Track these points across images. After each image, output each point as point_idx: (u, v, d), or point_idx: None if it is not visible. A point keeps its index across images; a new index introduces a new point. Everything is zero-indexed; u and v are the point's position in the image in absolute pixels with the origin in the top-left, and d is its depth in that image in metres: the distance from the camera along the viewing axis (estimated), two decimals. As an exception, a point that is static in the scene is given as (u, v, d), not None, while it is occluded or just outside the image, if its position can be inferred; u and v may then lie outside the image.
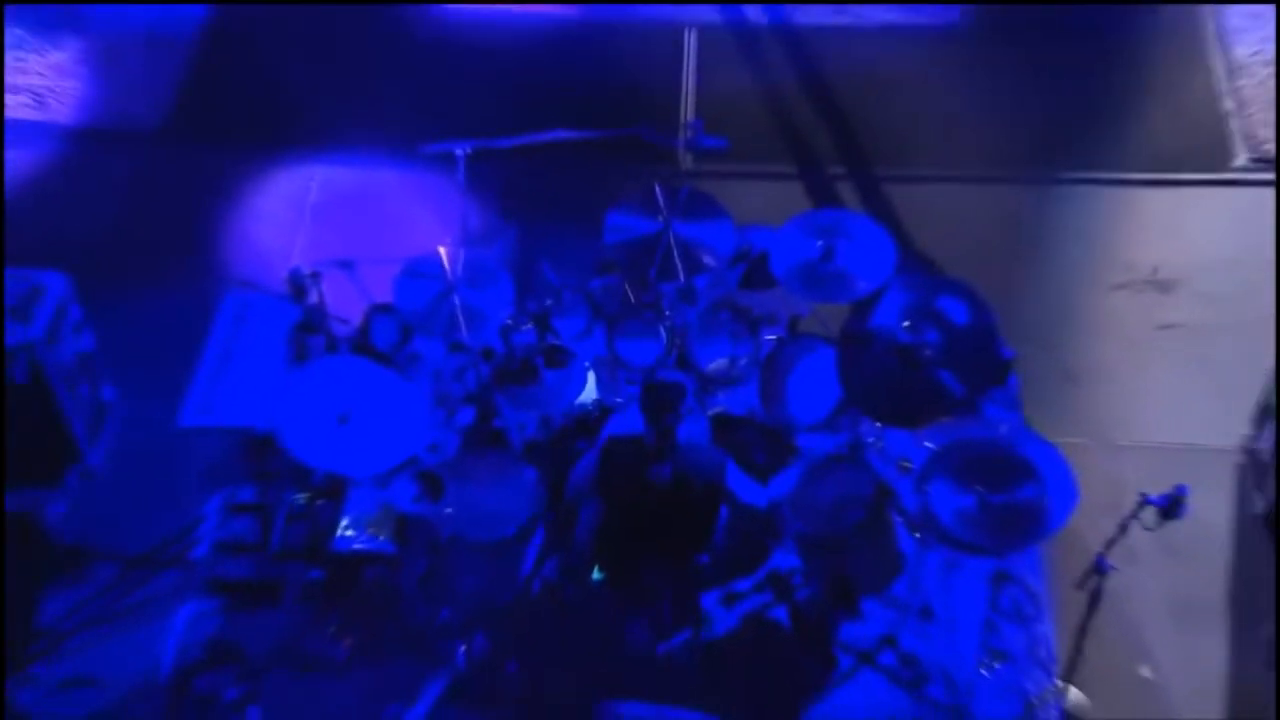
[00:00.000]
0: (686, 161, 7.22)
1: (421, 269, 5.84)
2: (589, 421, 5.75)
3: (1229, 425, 6.49)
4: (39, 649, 5.60)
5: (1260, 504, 6.21)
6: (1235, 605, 5.97)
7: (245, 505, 6.02)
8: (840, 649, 5.58)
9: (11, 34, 8.52)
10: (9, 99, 8.17)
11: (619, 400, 5.81)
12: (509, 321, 5.83)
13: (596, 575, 5.31)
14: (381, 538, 5.53)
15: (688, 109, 8.11)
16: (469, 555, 5.53)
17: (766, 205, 7.26)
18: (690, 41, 8.62)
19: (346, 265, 6.14)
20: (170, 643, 5.60)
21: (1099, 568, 5.07)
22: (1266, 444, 6.22)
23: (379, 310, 6.06)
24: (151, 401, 6.65)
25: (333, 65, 8.51)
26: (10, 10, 8.59)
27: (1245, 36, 8.68)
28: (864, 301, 5.70)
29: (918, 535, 5.51)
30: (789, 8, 8.99)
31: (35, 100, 8.17)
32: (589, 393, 5.81)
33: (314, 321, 6.11)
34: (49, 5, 8.82)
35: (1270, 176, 7.82)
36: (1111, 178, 7.93)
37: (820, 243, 5.90)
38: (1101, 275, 7.42)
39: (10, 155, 7.84)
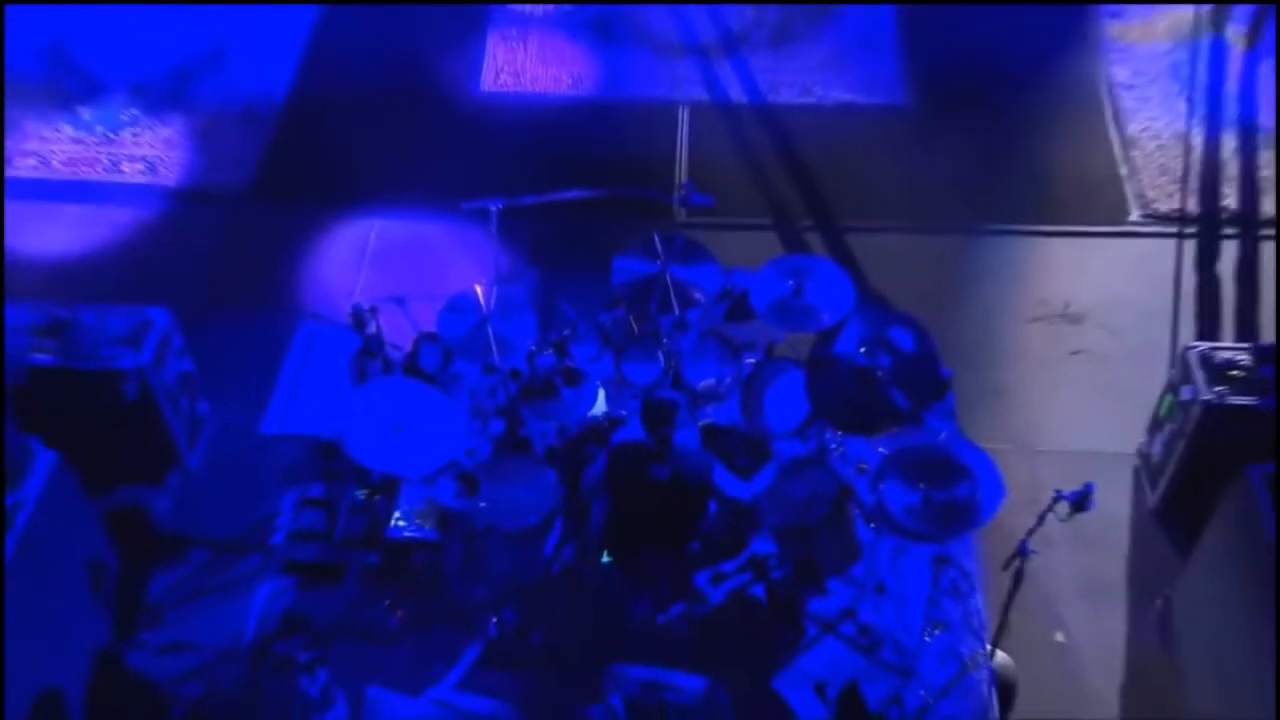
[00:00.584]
0: (680, 215, 7.28)
1: (461, 304, 5.81)
2: (599, 431, 5.69)
3: (1127, 434, 6.50)
4: (146, 619, 5.57)
5: (1152, 499, 6.24)
6: (1133, 583, 6.03)
7: (315, 500, 6.02)
8: (808, 619, 5.53)
9: (128, 113, 8.55)
10: (129, 166, 8.22)
11: (624, 413, 5.75)
12: (533, 348, 5.79)
13: (605, 559, 5.35)
14: (427, 527, 5.49)
15: (681, 172, 8.13)
16: (500, 542, 5.46)
17: (746, 251, 7.21)
18: (683, 117, 8.65)
19: (399, 301, 6.28)
20: (252, 614, 5.57)
21: (1021, 552, 4.99)
22: (1157, 449, 6.20)
23: (426, 338, 6.05)
24: (238, 413, 6.64)
25: (388, 136, 8.51)
26: (126, 90, 8.67)
27: (1136, 116, 8.74)
28: (827, 331, 5.66)
29: (873, 525, 5.60)
30: (764, 90, 9.00)
31: (148, 167, 8.18)
32: (599, 407, 5.75)
33: (372, 348, 6.07)
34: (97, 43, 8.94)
35: (1159, 229, 7.90)
36: (1030, 229, 7.98)
37: (791, 282, 5.89)
38: (1022, 310, 7.42)
39: (126, 212, 7.89)
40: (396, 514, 5.50)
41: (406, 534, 5.46)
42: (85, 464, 5.12)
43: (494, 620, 5.36)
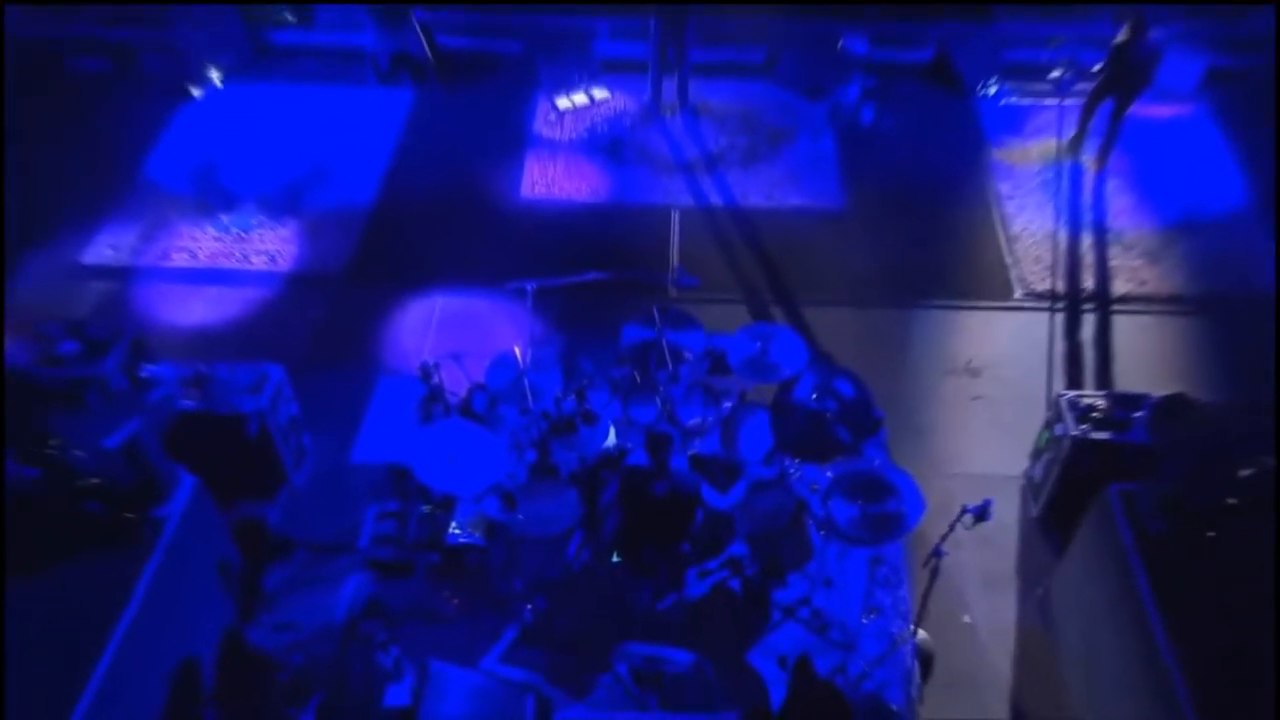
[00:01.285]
0: (673, 293, 7.23)
1: (504, 361, 5.94)
2: (611, 459, 5.68)
3: (1015, 461, 6.52)
4: (261, 604, 5.59)
5: (1035, 510, 6.26)
6: (1020, 576, 6.03)
7: (391, 513, 6.02)
8: (773, 607, 5.54)
9: (256, 218, 8.65)
10: (255, 258, 8.30)
11: (630, 445, 5.72)
12: (559, 395, 5.84)
13: (615, 559, 5.34)
14: (477, 535, 5.51)
15: (674, 259, 8.05)
16: (532, 546, 5.49)
17: (724, 320, 7.14)
18: (675, 218, 8.58)
19: (456, 358, 6.20)
20: (342, 601, 5.57)
21: (936, 553, 5.03)
22: (1038, 472, 6.24)
23: (477, 387, 6.12)
24: (333, 446, 6.67)
25: (450, 233, 8.58)
26: (255, 201, 8.76)
27: (1017, 219, 8.78)
28: (786, 382, 5.72)
29: (823, 533, 5.56)
30: (737, 197, 9.05)
31: (269, 259, 8.25)
32: (610, 440, 5.75)
33: (435, 395, 6.15)
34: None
35: (1036, 305, 7.92)
36: (940, 304, 7.96)
37: (759, 344, 5.97)
38: (935, 366, 7.43)
39: (252, 292, 7.93)
40: (453, 524, 5.53)
41: (461, 540, 5.46)
42: (217, 485, 5.20)
43: (528, 608, 5.38)
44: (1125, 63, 8.41)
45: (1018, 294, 8.04)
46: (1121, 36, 8.31)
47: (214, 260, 8.20)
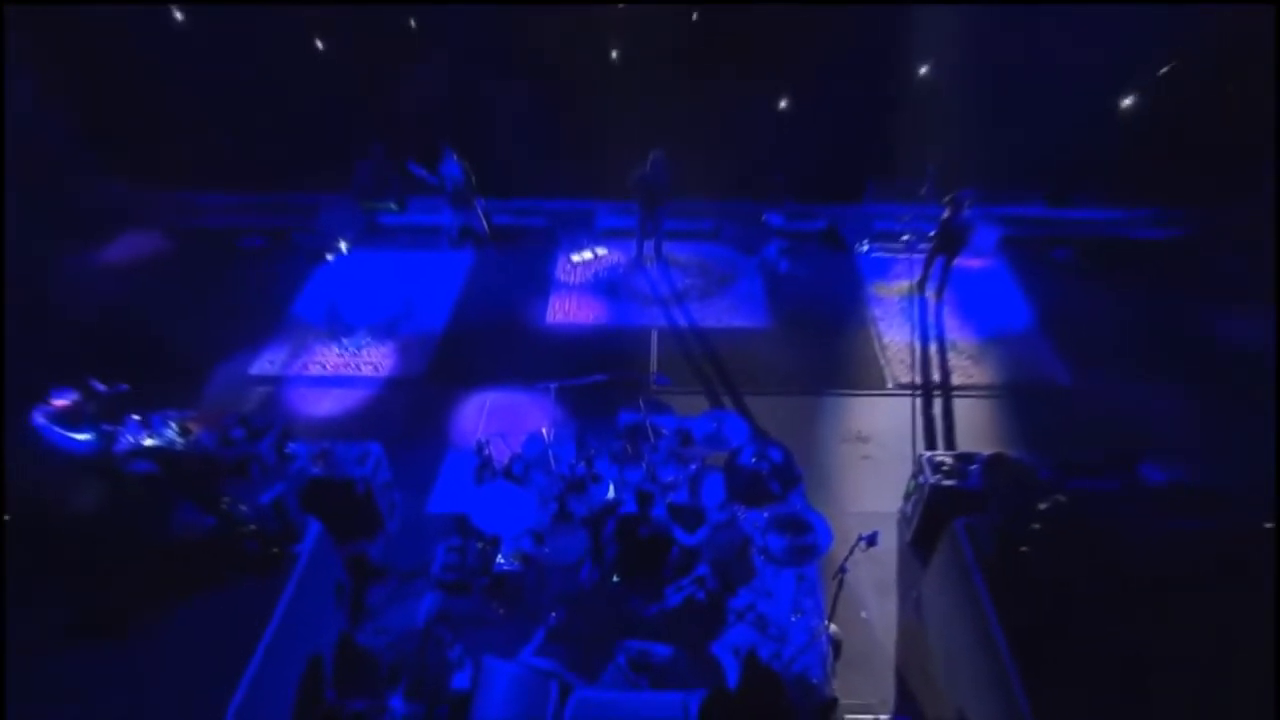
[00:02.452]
0: (653, 389, 7.29)
1: (535, 439, 6.00)
2: (611, 508, 5.63)
3: (893, 501, 6.43)
4: (366, 615, 5.50)
5: (907, 537, 6.16)
6: (900, 583, 5.97)
7: (455, 547, 5.89)
8: (728, 612, 5.47)
9: (365, 341, 8.65)
10: (366, 367, 8.26)
11: (624, 499, 5.69)
12: (573, 462, 5.87)
13: (615, 580, 5.29)
14: (516, 563, 5.44)
15: (653, 365, 8.16)
16: (556, 572, 5.46)
17: (690, 406, 7.30)
18: (654, 335, 8.70)
19: (502, 436, 6.30)
20: (422, 612, 5.48)
21: (842, 570, 5.01)
22: (908, 510, 6.15)
23: (515, 457, 6.10)
24: (416, 499, 6.58)
25: (496, 348, 8.56)
26: (365, 329, 8.79)
27: (886, 334, 8.82)
28: (734, 450, 5.77)
29: (763, 558, 5.51)
30: (697, 320, 9.07)
31: (374, 368, 8.25)
32: (610, 495, 5.73)
33: (486, 464, 6.15)
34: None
35: (902, 391, 7.91)
36: (838, 392, 7.93)
37: (714, 424, 6.03)
38: (836, 435, 7.38)
39: (362, 392, 7.89)
40: (499, 556, 5.51)
41: (504, 568, 5.47)
42: (335, 529, 5.18)
43: (552, 616, 5.32)
44: (949, 231, 8.62)
45: (889, 385, 8.03)
46: (946, 214, 8.53)
47: (336, 370, 8.22)
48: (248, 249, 10.24)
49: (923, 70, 17.16)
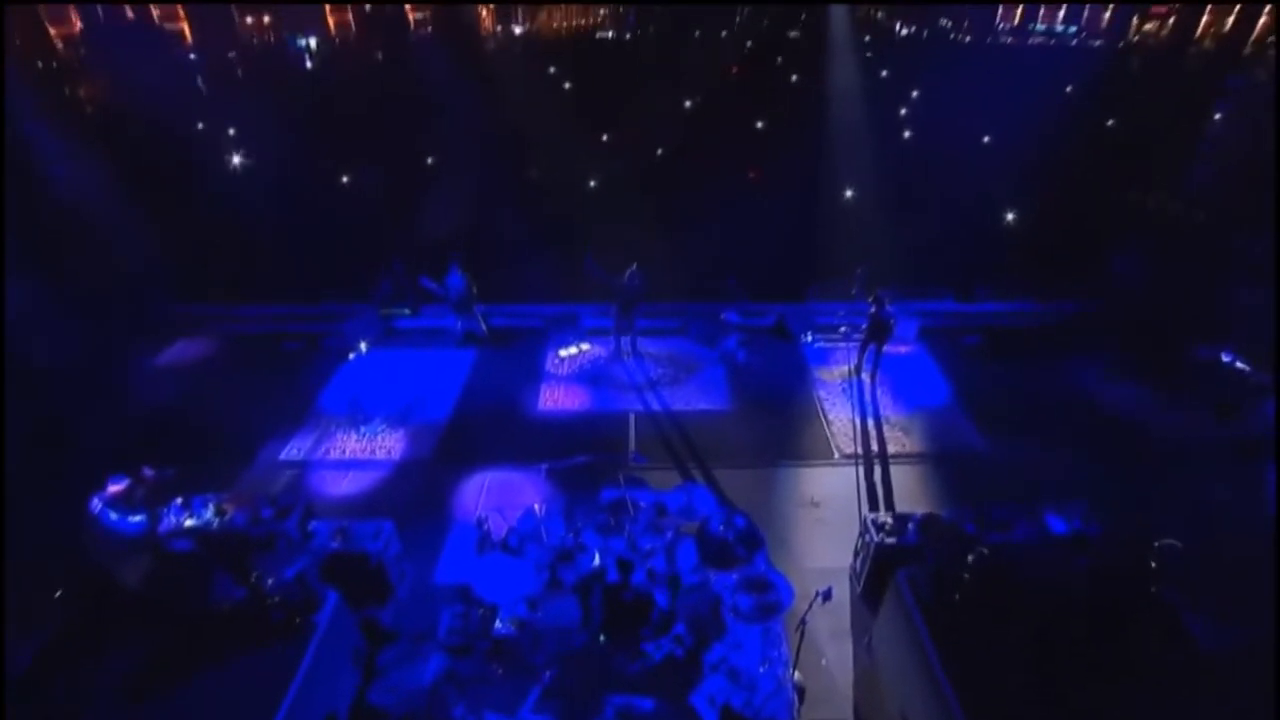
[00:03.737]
0: (632, 467, 7.35)
1: (529, 514, 5.96)
2: (597, 575, 5.61)
3: (844, 557, 6.46)
4: (378, 675, 5.34)
5: (858, 589, 6.14)
6: (854, 631, 5.95)
7: (458, 613, 5.70)
8: (704, 665, 5.35)
9: (382, 429, 8.65)
10: (380, 452, 8.21)
11: (608, 566, 5.67)
12: (563, 534, 5.85)
13: (602, 639, 5.25)
14: (512, 627, 5.34)
15: (631, 445, 8.20)
16: (549, 634, 5.35)
17: (664, 481, 7.35)
18: (632, 419, 8.77)
19: (499, 511, 6.20)
20: (429, 671, 5.32)
21: (802, 622, 5.01)
22: (858, 565, 6.17)
23: (511, 531, 6.04)
24: (423, 569, 6.48)
25: (494, 433, 8.53)
26: (382, 418, 8.78)
27: (831, 411, 8.95)
28: (704, 519, 5.81)
29: (733, 614, 5.44)
30: (668, 404, 9.13)
31: (388, 452, 8.22)
32: (596, 562, 5.71)
33: (485, 537, 6.05)
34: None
35: (847, 461, 7.98)
36: (791, 464, 7.99)
37: (685, 497, 6.09)
38: (792, 501, 7.42)
39: (377, 474, 7.83)
40: (498, 621, 5.41)
41: (503, 632, 5.36)
42: (351, 597, 5.14)
43: (546, 675, 5.18)
44: (876, 323, 9.02)
45: (836, 455, 8.09)
46: (872, 309, 8.94)
47: (355, 455, 8.18)
48: (286, 350, 10.37)
49: (848, 193, 18.55)
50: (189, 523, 5.09)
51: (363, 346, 10.38)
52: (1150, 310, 10.45)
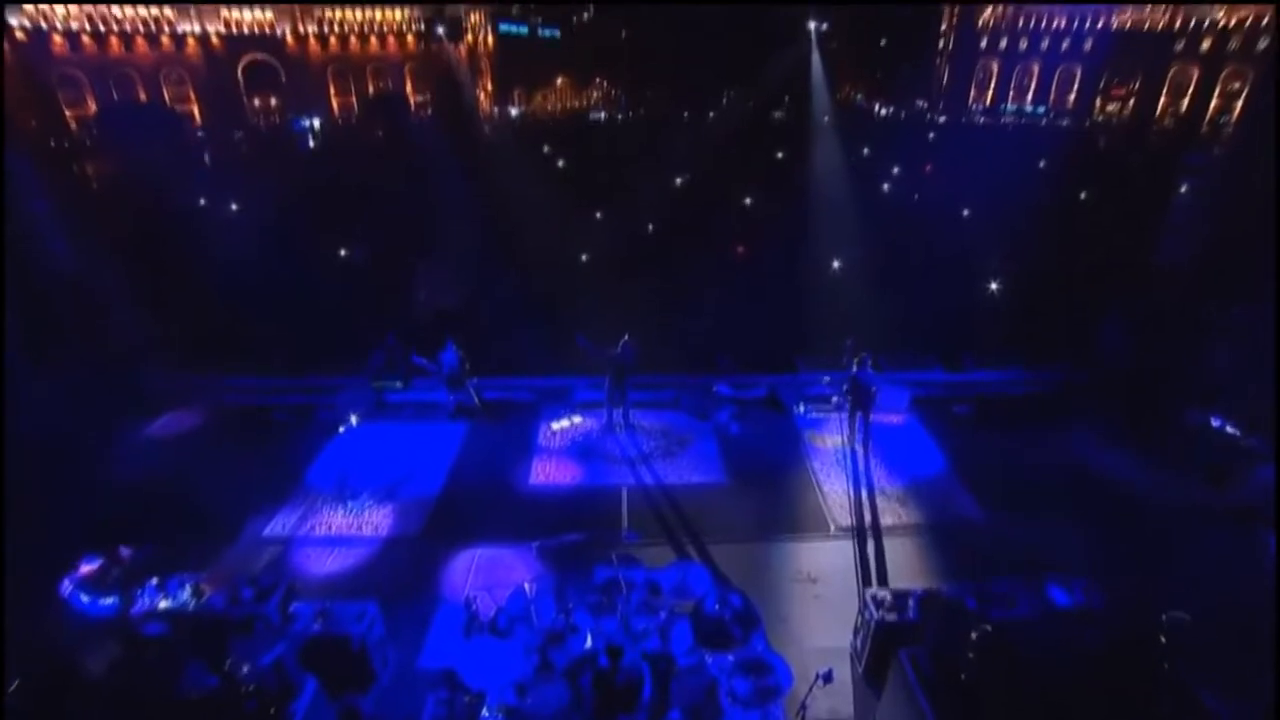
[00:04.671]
0: (625, 545, 7.28)
1: (518, 593, 5.88)
2: (589, 657, 5.42)
3: (844, 636, 6.32)
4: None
5: (859, 669, 5.99)
6: (857, 713, 5.78)
7: (443, 700, 5.54)
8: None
9: (369, 504, 8.55)
10: (367, 527, 8.11)
11: (600, 648, 5.48)
12: (554, 615, 5.74)
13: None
14: (500, 716, 5.13)
15: (624, 522, 8.15)
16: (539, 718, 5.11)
17: (658, 558, 7.28)
18: (624, 493, 8.74)
19: (488, 590, 6.12)
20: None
21: (803, 707, 4.87)
22: (859, 644, 6.04)
23: (500, 611, 5.93)
24: (408, 653, 6.31)
25: (485, 510, 8.43)
26: (369, 494, 8.71)
27: (826, 481, 8.96)
28: (699, 599, 5.74)
29: (730, 699, 5.27)
30: (661, 478, 9.11)
31: (375, 528, 8.13)
32: (588, 644, 5.55)
33: (473, 619, 5.94)
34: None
35: (843, 535, 7.94)
36: (786, 538, 7.93)
37: (679, 575, 6.04)
38: (788, 576, 7.34)
39: (364, 551, 7.71)
40: (484, 709, 5.20)
41: (489, 718, 5.14)
42: (331, 682, 4.97)
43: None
44: (856, 388, 9.20)
45: (832, 528, 8.04)
46: (853, 372, 9.11)
47: (340, 530, 8.08)
48: (277, 423, 10.41)
49: (835, 265, 19.25)
50: (163, 605, 4.98)
51: (353, 419, 10.43)
52: (1137, 376, 10.73)
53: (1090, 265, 18.26)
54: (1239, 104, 53.61)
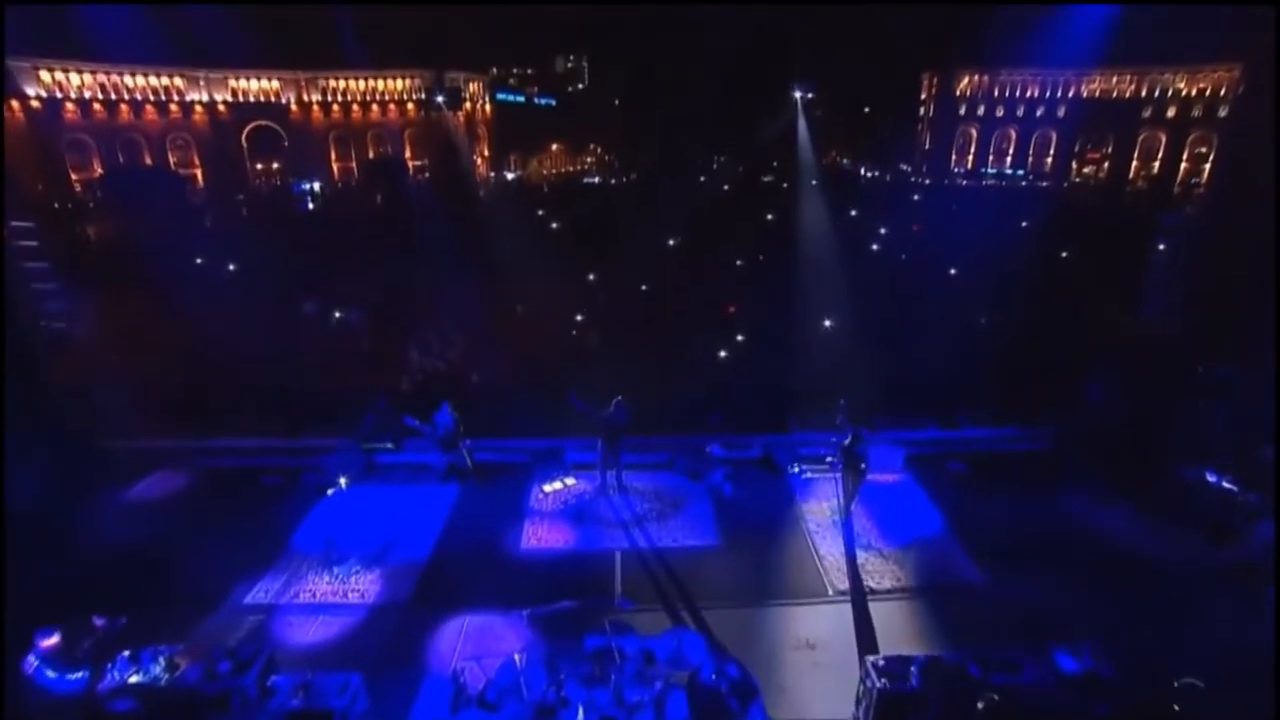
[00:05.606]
0: (618, 612, 7.18)
1: (508, 663, 5.77)
2: None
3: (845, 706, 6.11)
4: None
5: None
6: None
7: None
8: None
9: (356, 569, 8.41)
10: (353, 594, 7.96)
11: None
12: (545, 687, 5.64)
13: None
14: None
15: (618, 587, 8.02)
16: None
17: (653, 625, 7.16)
18: (618, 557, 8.65)
19: (477, 660, 6.08)
20: None
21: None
22: (860, 714, 5.83)
23: (489, 684, 5.84)
24: None
25: (477, 574, 8.30)
26: (357, 558, 8.57)
27: (821, 546, 8.87)
28: (695, 669, 5.65)
29: None
30: (656, 542, 8.99)
31: (362, 595, 7.96)
32: (580, 718, 5.42)
33: (461, 691, 5.83)
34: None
35: (841, 598, 7.83)
36: (783, 603, 7.82)
37: (674, 643, 5.98)
38: (786, 643, 7.19)
39: (349, 619, 7.52)
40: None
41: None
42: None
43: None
44: (850, 457, 9.15)
45: (830, 592, 7.94)
46: (847, 443, 9.07)
47: (325, 597, 7.92)
48: (265, 485, 10.32)
49: (826, 323, 19.64)
50: (134, 679, 4.82)
51: (342, 482, 10.37)
52: (1127, 432, 10.85)
53: (1076, 322, 18.74)
54: (1207, 166, 56.58)
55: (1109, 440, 10.78)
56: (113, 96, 54.22)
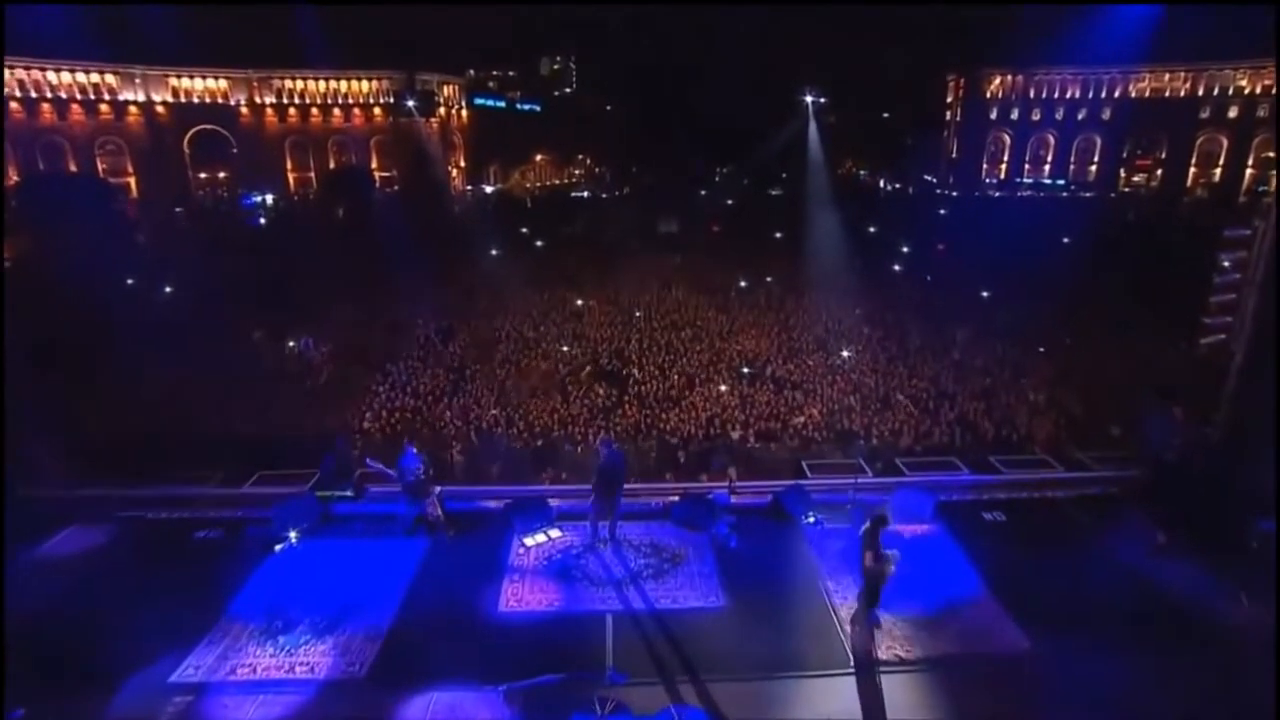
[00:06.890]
0: (608, 688, 7.14)
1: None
2: None
3: None
4: None
5: None
6: None
7: None
8: None
9: (305, 637, 8.33)
10: (300, 668, 7.86)
11: None
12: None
13: None
14: None
15: (609, 653, 7.97)
16: None
17: (649, 701, 7.10)
18: (609, 621, 8.61)
19: None
20: None
21: None
22: None
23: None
24: None
25: (445, 643, 8.15)
26: (307, 626, 8.51)
27: (841, 605, 8.86)
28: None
29: None
30: (651, 603, 8.98)
31: (310, 669, 7.85)
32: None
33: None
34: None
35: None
36: (802, 674, 7.75)
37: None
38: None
39: (292, 697, 7.42)
40: None
41: None
42: None
43: None
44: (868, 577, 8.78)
45: (852, 663, 7.82)
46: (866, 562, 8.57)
47: (267, 674, 7.80)
48: (201, 542, 10.26)
49: (845, 354, 19.88)
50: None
51: (293, 536, 10.33)
52: (1192, 478, 10.86)
53: (1129, 350, 18.98)
54: (1275, 172, 56.79)
55: (1171, 487, 10.77)
56: (32, 94, 54.87)
